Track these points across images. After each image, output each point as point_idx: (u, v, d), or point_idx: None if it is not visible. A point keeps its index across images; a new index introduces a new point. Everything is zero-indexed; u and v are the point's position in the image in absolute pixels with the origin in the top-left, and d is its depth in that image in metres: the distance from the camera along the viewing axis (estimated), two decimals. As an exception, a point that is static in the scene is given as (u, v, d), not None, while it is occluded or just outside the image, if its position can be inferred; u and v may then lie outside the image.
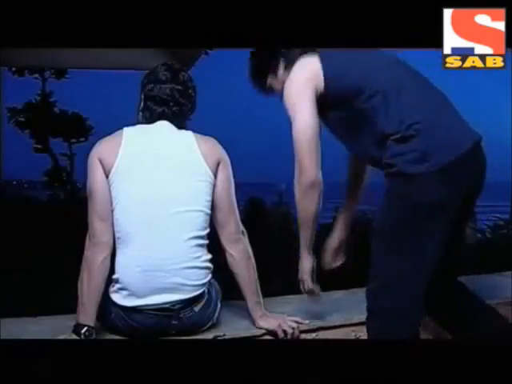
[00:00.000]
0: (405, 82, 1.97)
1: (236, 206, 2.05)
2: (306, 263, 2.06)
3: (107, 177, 1.90)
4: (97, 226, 1.89)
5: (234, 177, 2.05)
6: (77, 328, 1.86)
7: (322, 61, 1.98)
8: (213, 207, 1.99)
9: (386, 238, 1.90)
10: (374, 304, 1.91)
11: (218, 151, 2.00)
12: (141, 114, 2.04)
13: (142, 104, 2.03)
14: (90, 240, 1.91)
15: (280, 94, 2.06)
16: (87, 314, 1.87)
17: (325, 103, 1.96)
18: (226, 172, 2.00)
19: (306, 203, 1.95)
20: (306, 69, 1.99)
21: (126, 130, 1.97)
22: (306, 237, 2.02)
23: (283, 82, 2.04)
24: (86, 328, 1.85)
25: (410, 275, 1.88)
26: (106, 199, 1.90)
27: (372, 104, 1.91)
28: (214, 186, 1.97)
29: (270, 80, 2.13)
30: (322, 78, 1.96)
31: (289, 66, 2.05)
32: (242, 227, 2.05)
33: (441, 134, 1.86)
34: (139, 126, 2.01)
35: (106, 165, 1.90)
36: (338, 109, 1.97)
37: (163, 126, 1.99)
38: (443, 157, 1.82)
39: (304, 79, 1.97)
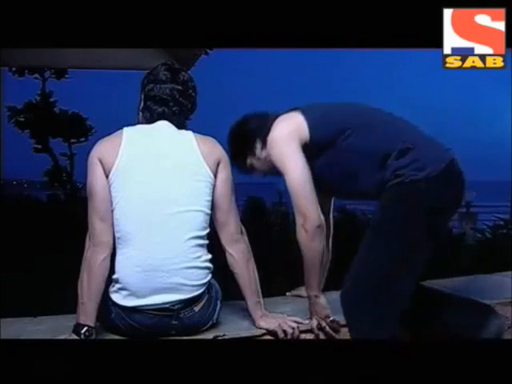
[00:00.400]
0: (382, 115, 2.13)
1: (236, 205, 2.05)
2: (323, 300, 2.07)
3: (107, 177, 1.90)
4: (97, 225, 1.90)
5: (235, 177, 2.05)
6: (77, 328, 1.86)
7: (304, 113, 2.06)
8: (213, 207, 1.99)
9: (386, 241, 1.95)
10: (362, 306, 1.94)
11: (218, 151, 2.00)
12: (141, 114, 2.04)
13: (142, 104, 2.03)
14: (90, 240, 1.91)
15: (260, 172, 2.21)
16: (87, 314, 1.87)
17: (313, 152, 2.04)
18: (225, 172, 2.00)
19: (315, 246, 2.00)
20: (287, 123, 2.07)
21: (126, 129, 1.97)
22: (315, 277, 2.04)
23: (263, 160, 2.15)
24: (86, 328, 1.86)
25: (406, 275, 1.94)
26: (106, 199, 1.90)
27: (358, 137, 2.02)
28: (214, 185, 1.97)
29: (249, 160, 2.21)
30: (307, 128, 2.03)
31: (265, 143, 2.11)
32: (241, 227, 2.05)
33: (428, 147, 2.03)
34: (139, 126, 2.01)
35: (105, 165, 1.90)
36: (326, 152, 2.05)
37: (163, 126, 1.98)
38: (437, 165, 1.96)
39: (287, 133, 2.04)
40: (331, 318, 2.04)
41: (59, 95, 15.15)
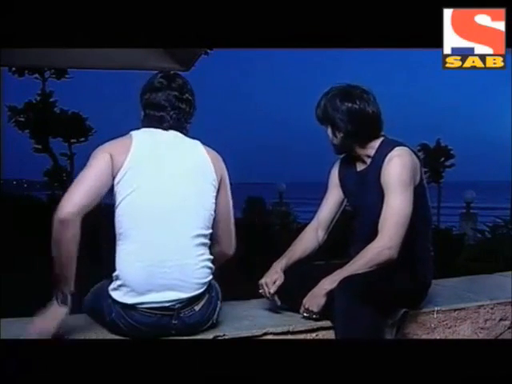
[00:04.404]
0: None
1: (233, 224, 2.09)
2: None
3: (113, 175, 1.89)
4: (77, 199, 1.82)
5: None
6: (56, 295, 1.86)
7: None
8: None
9: None
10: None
11: (223, 166, 2.04)
12: (142, 123, 2.06)
13: (143, 113, 2.06)
14: (57, 215, 1.81)
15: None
16: (63, 282, 1.86)
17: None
18: (226, 190, 2.05)
19: (370, 261, 2.04)
20: (411, 158, 2.15)
21: (134, 133, 1.99)
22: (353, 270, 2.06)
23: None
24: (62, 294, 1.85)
25: None
26: (100, 183, 1.86)
27: None
28: (216, 198, 2.00)
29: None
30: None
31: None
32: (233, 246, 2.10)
33: None
34: (147, 130, 2.02)
35: (115, 162, 1.89)
36: None
37: (172, 133, 2.01)
38: None
39: (412, 166, 2.14)
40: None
41: (59, 95, 15.18)
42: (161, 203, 1.91)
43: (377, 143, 2.19)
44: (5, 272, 3.80)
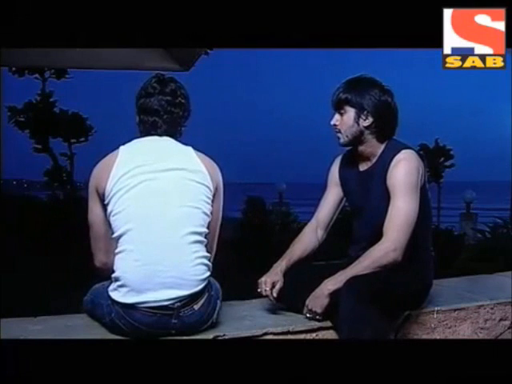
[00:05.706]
0: None
1: (216, 242, 2.12)
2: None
3: (104, 196, 1.95)
4: (99, 254, 2.05)
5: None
6: None
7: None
8: None
9: None
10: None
11: (219, 177, 2.06)
12: (137, 127, 2.10)
13: (137, 118, 2.09)
14: (94, 264, 2.07)
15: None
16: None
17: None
18: (219, 204, 2.06)
19: (375, 262, 2.04)
20: (418, 160, 2.16)
21: (122, 147, 2.03)
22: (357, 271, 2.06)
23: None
24: None
25: None
26: (105, 223, 2.00)
27: None
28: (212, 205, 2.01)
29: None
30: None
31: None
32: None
33: None
34: (138, 140, 2.06)
35: (102, 186, 1.96)
36: None
37: (162, 139, 2.03)
38: None
39: (418, 168, 2.15)
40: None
41: (59, 95, 15.18)
42: (151, 202, 1.94)
43: (384, 143, 2.18)
44: (5, 272, 3.81)
